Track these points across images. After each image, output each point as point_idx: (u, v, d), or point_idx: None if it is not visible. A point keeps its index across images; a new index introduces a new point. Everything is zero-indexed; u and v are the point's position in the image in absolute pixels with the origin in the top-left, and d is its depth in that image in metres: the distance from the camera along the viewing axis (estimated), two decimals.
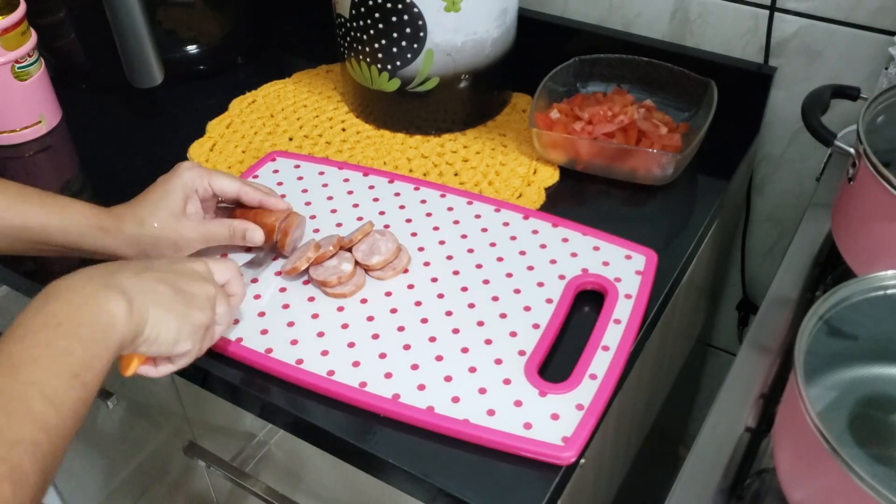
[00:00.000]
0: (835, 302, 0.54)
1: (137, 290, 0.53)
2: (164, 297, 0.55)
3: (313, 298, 0.71)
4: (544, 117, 0.87)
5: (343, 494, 0.74)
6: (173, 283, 0.56)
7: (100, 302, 0.50)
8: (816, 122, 0.73)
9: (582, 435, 0.59)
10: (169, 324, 0.55)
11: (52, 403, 0.45)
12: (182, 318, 0.56)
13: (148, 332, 0.53)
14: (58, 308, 0.49)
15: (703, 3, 0.91)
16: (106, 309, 0.50)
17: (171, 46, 1.00)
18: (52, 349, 0.47)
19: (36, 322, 0.48)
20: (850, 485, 0.45)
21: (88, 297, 0.50)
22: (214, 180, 0.71)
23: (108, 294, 0.51)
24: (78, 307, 0.50)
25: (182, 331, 0.56)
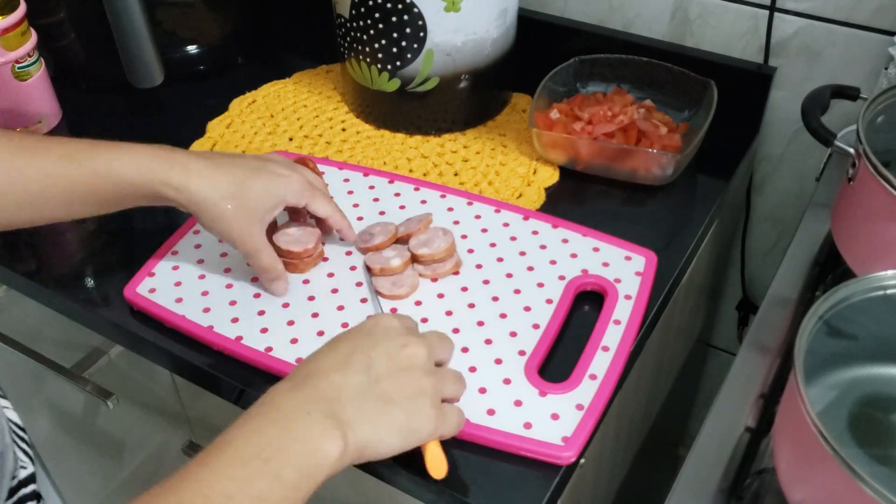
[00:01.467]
0: (835, 302, 0.54)
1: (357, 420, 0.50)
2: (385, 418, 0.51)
3: (313, 298, 0.71)
4: (544, 117, 0.87)
5: (343, 494, 0.74)
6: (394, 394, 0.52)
7: (316, 439, 0.48)
8: (816, 122, 0.73)
9: (582, 435, 0.59)
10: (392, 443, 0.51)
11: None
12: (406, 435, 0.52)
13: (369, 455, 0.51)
14: (273, 433, 0.47)
15: (703, 3, 0.91)
16: (322, 449, 0.48)
17: (171, 46, 1.00)
18: (250, 489, 0.45)
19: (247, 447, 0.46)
20: (850, 485, 0.45)
21: (307, 428, 0.48)
22: (315, 202, 0.69)
23: (327, 429, 0.48)
24: (292, 440, 0.47)
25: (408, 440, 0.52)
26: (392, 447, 0.51)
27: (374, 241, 0.74)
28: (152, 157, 0.63)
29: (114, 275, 0.77)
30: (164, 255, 0.75)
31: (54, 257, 0.80)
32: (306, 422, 0.48)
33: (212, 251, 0.75)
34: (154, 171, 0.63)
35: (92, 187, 0.63)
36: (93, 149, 0.64)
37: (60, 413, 1.06)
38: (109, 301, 0.74)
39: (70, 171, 0.63)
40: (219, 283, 0.72)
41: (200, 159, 0.65)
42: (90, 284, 0.77)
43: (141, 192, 0.64)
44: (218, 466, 0.46)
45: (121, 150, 0.64)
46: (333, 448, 0.48)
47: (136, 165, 0.63)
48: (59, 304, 0.77)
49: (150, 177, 0.63)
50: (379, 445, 0.51)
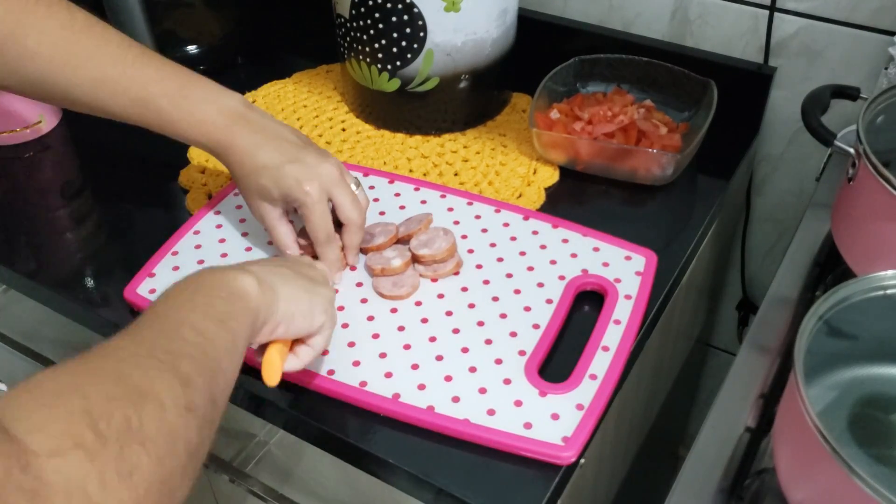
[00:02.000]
0: (835, 302, 0.54)
1: (263, 272, 0.55)
2: (289, 277, 0.58)
3: None
4: (544, 117, 0.87)
5: (343, 494, 0.74)
6: (294, 269, 0.60)
7: (228, 279, 0.53)
8: (816, 122, 0.73)
9: (582, 435, 0.59)
10: (300, 297, 0.57)
11: (203, 336, 0.47)
12: (310, 292, 0.58)
13: (283, 309, 0.55)
14: (192, 280, 0.52)
15: (703, 3, 0.91)
16: (237, 282, 0.53)
17: (171, 46, 1.00)
18: (192, 302, 0.49)
19: (173, 290, 0.51)
20: (850, 485, 0.45)
21: (217, 278, 0.52)
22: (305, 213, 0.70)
23: (236, 273, 0.53)
24: (209, 283, 0.52)
25: (314, 303, 0.58)
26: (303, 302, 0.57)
27: (375, 241, 0.73)
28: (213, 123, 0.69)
29: (114, 275, 0.77)
30: (164, 255, 0.75)
31: (54, 257, 0.80)
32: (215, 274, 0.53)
33: (212, 251, 0.75)
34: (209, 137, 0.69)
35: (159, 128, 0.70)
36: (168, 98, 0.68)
37: None
38: (109, 301, 0.74)
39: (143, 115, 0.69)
40: None
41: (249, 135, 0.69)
42: (90, 284, 0.77)
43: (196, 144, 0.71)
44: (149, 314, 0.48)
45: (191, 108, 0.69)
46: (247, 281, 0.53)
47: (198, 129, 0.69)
48: (59, 304, 0.77)
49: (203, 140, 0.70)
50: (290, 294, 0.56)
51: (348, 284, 0.72)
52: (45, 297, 0.79)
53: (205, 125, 0.69)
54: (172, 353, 0.44)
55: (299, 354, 0.60)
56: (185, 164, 0.89)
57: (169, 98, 0.68)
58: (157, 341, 0.45)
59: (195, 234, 0.77)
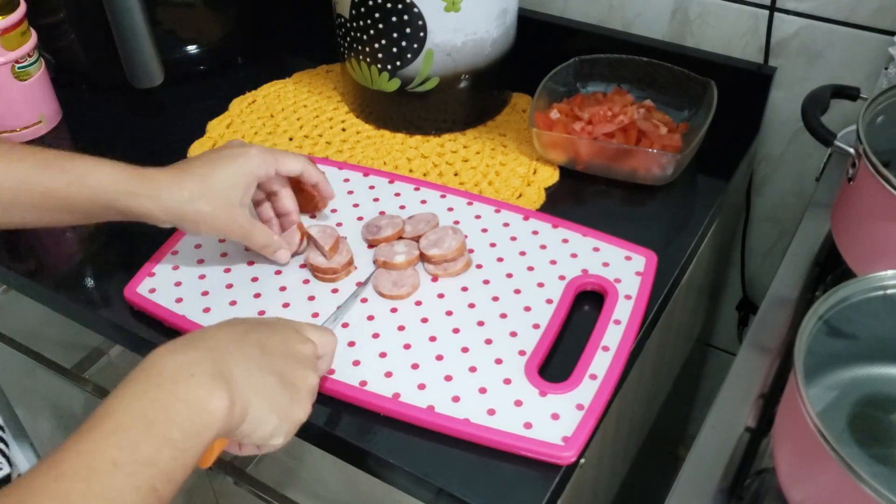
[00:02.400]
0: (835, 302, 0.54)
1: (245, 384, 0.50)
2: (270, 393, 0.52)
3: (314, 298, 0.71)
4: (544, 117, 0.87)
5: (343, 494, 0.74)
6: (282, 373, 0.53)
7: (202, 399, 0.47)
8: (816, 122, 0.73)
9: (582, 435, 0.59)
10: (268, 422, 0.52)
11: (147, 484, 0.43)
12: (283, 416, 0.53)
13: (245, 428, 0.51)
14: (156, 398, 0.46)
15: (703, 3, 0.91)
16: (207, 409, 0.47)
17: (171, 46, 1.00)
18: (136, 455, 0.44)
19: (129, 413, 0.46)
20: (850, 485, 0.45)
21: (192, 391, 0.47)
22: (281, 163, 0.70)
23: (213, 389, 0.48)
24: (177, 401, 0.47)
25: (280, 428, 0.53)
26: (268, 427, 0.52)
27: (383, 232, 0.74)
28: (124, 169, 0.65)
29: (114, 275, 0.77)
30: (164, 255, 0.75)
31: (54, 257, 0.80)
32: (190, 383, 0.48)
33: (212, 251, 0.75)
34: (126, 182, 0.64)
35: (65, 195, 0.64)
36: (68, 159, 0.65)
37: (60, 413, 1.06)
38: (109, 301, 0.74)
39: (45, 178, 0.63)
40: (219, 283, 0.72)
41: (166, 170, 0.67)
42: (90, 284, 0.77)
43: (114, 204, 0.65)
44: (100, 436, 0.44)
45: (96, 162, 0.65)
46: (219, 405, 0.48)
47: (111, 176, 0.64)
48: (59, 304, 0.77)
49: (122, 187, 0.64)
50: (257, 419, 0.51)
51: (349, 284, 0.72)
52: (45, 297, 0.79)
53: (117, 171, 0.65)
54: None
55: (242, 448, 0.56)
56: None
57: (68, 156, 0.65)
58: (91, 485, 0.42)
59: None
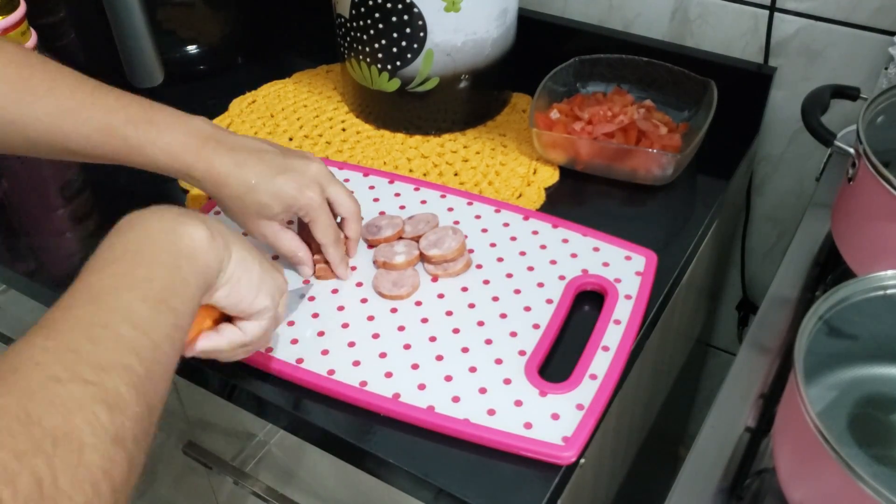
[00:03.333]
0: (835, 302, 0.54)
1: (218, 226, 0.52)
2: (244, 241, 0.54)
3: (313, 298, 0.71)
4: (544, 117, 0.87)
5: (343, 494, 0.74)
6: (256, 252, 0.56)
7: (178, 228, 0.49)
8: (816, 122, 0.73)
9: (582, 435, 0.59)
10: (252, 266, 0.53)
11: (140, 329, 0.43)
12: (263, 267, 0.54)
13: (231, 270, 0.52)
14: (134, 237, 0.48)
15: (703, 3, 0.91)
16: (187, 234, 0.49)
17: (171, 46, 1.00)
18: (131, 277, 0.45)
19: (113, 253, 0.47)
20: (850, 485, 0.45)
21: (167, 224, 0.48)
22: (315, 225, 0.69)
23: (187, 221, 0.49)
24: (156, 233, 0.48)
25: (264, 280, 0.54)
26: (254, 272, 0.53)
27: (383, 233, 0.74)
28: (183, 145, 0.65)
29: None
30: None
31: (54, 257, 0.80)
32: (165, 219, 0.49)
33: None
34: (182, 163, 0.65)
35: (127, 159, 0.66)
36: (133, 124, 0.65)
37: None
38: None
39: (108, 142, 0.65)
40: None
41: (225, 155, 0.66)
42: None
43: (170, 173, 0.67)
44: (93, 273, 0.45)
45: (158, 131, 0.65)
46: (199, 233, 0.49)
47: (169, 153, 0.65)
48: None
49: (177, 166, 0.65)
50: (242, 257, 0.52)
51: (349, 284, 0.72)
52: (46, 297, 0.79)
53: (174, 147, 0.65)
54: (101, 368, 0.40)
55: (222, 332, 0.56)
56: None
57: (134, 124, 0.65)
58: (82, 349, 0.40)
59: None
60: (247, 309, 0.55)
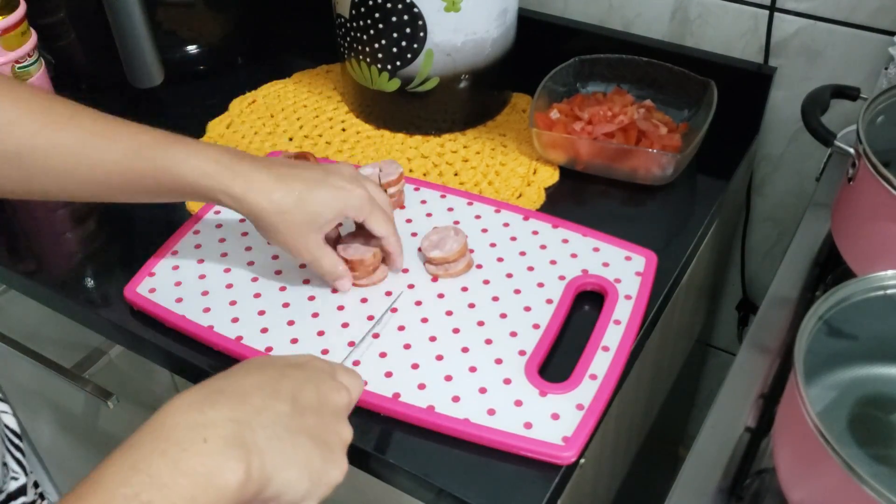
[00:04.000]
0: (835, 302, 0.54)
1: (269, 448, 0.45)
2: (300, 456, 0.47)
3: (313, 297, 0.71)
4: (544, 117, 0.87)
5: (343, 494, 0.73)
6: (316, 431, 0.48)
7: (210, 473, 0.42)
8: (816, 122, 0.73)
9: (582, 435, 0.59)
10: (299, 487, 0.46)
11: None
12: (315, 479, 0.47)
13: (270, 493, 0.45)
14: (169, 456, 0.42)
15: (703, 3, 0.91)
16: (215, 484, 0.42)
17: (171, 46, 1.00)
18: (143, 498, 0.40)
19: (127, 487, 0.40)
20: (850, 485, 0.45)
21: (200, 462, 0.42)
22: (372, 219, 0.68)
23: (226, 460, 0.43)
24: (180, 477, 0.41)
25: (312, 492, 0.47)
26: (298, 492, 0.46)
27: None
28: (217, 163, 0.63)
29: (114, 275, 0.77)
30: (164, 255, 0.75)
31: (54, 257, 0.80)
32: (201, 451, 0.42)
33: (212, 251, 0.75)
34: (217, 181, 0.63)
35: (156, 183, 0.64)
36: (162, 147, 0.63)
37: (61, 413, 1.06)
38: (109, 301, 0.74)
39: (136, 165, 0.63)
40: (219, 283, 0.72)
41: (263, 171, 0.64)
42: (90, 284, 0.77)
43: (202, 195, 0.65)
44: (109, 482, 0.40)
45: (188, 152, 0.63)
46: (232, 478, 0.42)
47: (202, 171, 0.63)
48: (59, 304, 0.77)
49: (212, 184, 0.63)
50: (285, 485, 0.46)
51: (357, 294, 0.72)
52: (45, 297, 0.79)
53: (207, 166, 0.63)
54: None
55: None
56: None
57: (162, 146, 0.63)
58: None
59: (195, 234, 0.77)
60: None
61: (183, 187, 0.63)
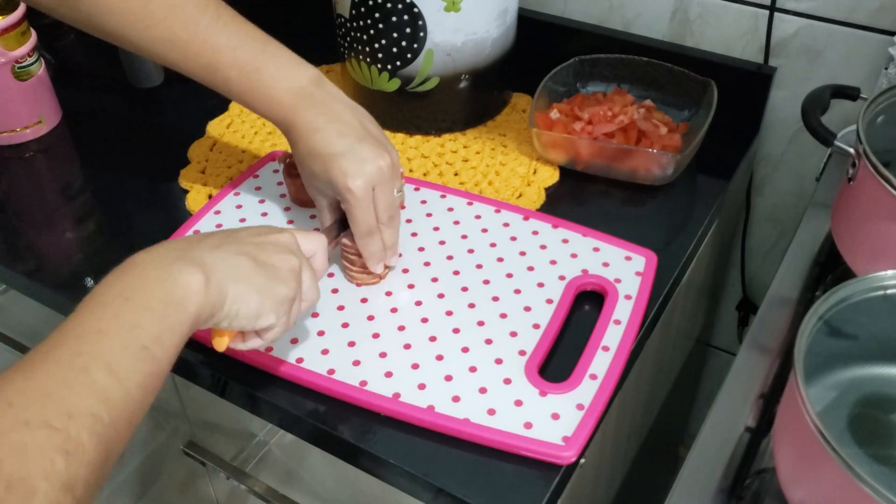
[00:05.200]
0: (835, 302, 0.54)
1: (216, 265, 0.52)
2: (244, 270, 0.53)
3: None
4: (544, 117, 0.87)
5: (343, 494, 0.74)
6: (255, 255, 0.55)
7: (174, 275, 0.49)
8: (816, 122, 0.73)
9: (582, 434, 0.59)
10: (249, 299, 0.53)
11: (115, 376, 0.44)
12: (263, 292, 0.54)
13: (228, 308, 0.52)
14: (130, 280, 0.49)
15: (703, 3, 0.91)
16: (180, 282, 0.49)
17: None
18: (119, 321, 0.46)
19: (108, 294, 0.48)
20: (850, 485, 0.45)
21: (163, 270, 0.49)
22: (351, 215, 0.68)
23: (183, 267, 0.50)
24: (151, 280, 0.49)
25: (264, 305, 0.54)
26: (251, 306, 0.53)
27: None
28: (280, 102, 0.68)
29: None
30: None
31: (54, 257, 0.80)
32: (162, 265, 0.49)
33: None
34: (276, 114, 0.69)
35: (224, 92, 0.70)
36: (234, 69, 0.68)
37: None
38: None
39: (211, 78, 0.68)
40: None
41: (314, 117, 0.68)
42: (90, 284, 0.77)
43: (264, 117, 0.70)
44: (83, 313, 0.46)
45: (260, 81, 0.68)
46: (193, 280, 0.49)
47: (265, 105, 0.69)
48: (59, 304, 0.77)
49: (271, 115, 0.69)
50: (238, 296, 0.52)
51: (349, 284, 0.72)
52: (45, 297, 0.79)
53: (271, 102, 0.68)
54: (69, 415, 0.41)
55: (246, 339, 0.58)
56: (185, 164, 0.89)
57: (239, 69, 0.67)
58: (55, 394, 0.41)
59: (195, 234, 0.77)
60: (251, 329, 0.56)
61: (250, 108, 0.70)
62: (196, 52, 0.67)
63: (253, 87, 0.68)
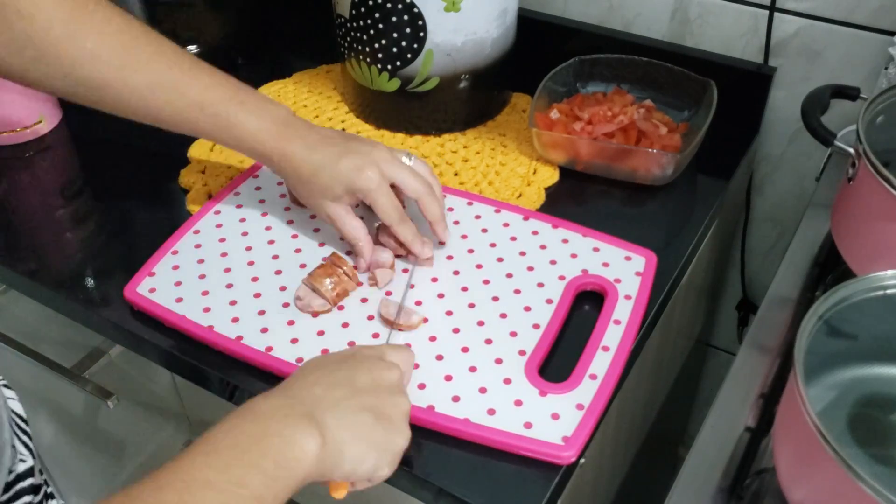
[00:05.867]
0: (835, 302, 0.54)
1: (337, 427, 0.51)
2: (363, 428, 0.52)
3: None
4: (544, 117, 0.87)
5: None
6: (374, 408, 0.53)
7: (294, 435, 0.49)
8: (816, 122, 0.73)
9: (582, 434, 0.59)
10: (367, 458, 0.52)
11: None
12: (381, 447, 0.53)
13: (345, 469, 0.51)
14: (250, 430, 0.48)
15: (703, 3, 0.91)
16: (298, 443, 0.48)
17: None
18: (227, 476, 0.45)
19: (225, 440, 0.47)
20: (850, 485, 0.45)
21: (284, 426, 0.49)
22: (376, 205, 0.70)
23: (304, 428, 0.49)
24: (270, 435, 0.48)
25: (381, 460, 0.53)
26: (368, 464, 0.52)
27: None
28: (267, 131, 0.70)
29: (114, 275, 0.77)
30: (164, 255, 0.75)
31: (54, 257, 0.80)
32: (283, 421, 0.49)
33: (212, 251, 0.75)
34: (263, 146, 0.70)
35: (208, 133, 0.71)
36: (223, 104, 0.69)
37: (61, 413, 1.06)
38: (109, 301, 0.74)
39: (199, 118, 0.69)
40: (219, 283, 0.72)
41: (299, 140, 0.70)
42: (90, 284, 0.77)
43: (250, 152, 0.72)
44: (197, 457, 0.46)
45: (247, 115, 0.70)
46: (310, 443, 0.49)
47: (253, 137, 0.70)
48: (59, 304, 0.78)
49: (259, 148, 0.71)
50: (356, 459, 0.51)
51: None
52: (45, 297, 0.79)
53: (260, 133, 0.70)
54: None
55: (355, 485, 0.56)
56: (185, 164, 0.89)
57: (224, 104, 0.69)
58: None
59: (195, 233, 0.77)
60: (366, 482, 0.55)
61: (237, 145, 0.71)
62: (181, 92, 0.68)
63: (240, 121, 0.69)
